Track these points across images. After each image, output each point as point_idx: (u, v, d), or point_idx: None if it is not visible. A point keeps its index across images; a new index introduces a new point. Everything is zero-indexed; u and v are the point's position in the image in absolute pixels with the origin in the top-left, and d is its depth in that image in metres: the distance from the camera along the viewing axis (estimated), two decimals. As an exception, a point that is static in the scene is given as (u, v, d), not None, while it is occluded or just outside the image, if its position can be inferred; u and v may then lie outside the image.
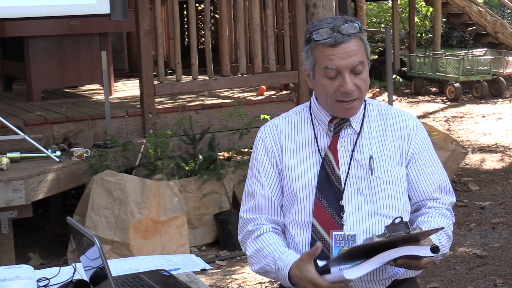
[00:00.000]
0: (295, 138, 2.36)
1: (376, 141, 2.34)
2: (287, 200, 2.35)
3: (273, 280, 4.72)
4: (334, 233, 2.24)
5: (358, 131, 2.33)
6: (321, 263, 2.17)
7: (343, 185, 2.29)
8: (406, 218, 2.35)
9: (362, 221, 2.28)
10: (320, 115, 2.35)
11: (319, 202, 2.29)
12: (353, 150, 2.31)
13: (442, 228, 2.23)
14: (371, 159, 2.30)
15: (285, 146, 2.36)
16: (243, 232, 2.38)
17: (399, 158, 2.34)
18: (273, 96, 6.94)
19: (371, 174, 2.29)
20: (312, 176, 2.31)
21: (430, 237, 2.17)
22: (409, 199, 2.39)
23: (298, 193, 2.31)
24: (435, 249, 2.08)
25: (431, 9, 15.53)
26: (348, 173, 2.30)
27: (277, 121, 2.43)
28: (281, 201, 2.37)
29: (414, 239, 2.08)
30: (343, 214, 2.27)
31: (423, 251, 2.07)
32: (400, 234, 2.05)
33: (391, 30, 10.72)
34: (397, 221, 2.08)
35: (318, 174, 2.30)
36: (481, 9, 12.95)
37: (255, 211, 2.37)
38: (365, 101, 2.38)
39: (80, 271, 2.28)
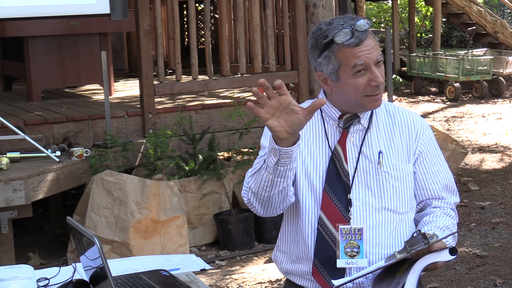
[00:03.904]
0: (305, 130, 2.37)
1: (384, 137, 2.37)
2: (296, 189, 2.35)
3: (273, 280, 4.72)
4: (341, 226, 2.27)
5: (366, 127, 2.36)
6: (336, 282, 2.17)
7: (351, 179, 2.32)
8: (411, 216, 2.38)
9: (369, 215, 2.30)
10: (329, 111, 2.37)
11: (327, 195, 2.31)
12: (362, 145, 2.34)
13: (456, 232, 2.29)
14: (380, 154, 2.33)
15: None
16: (248, 172, 2.31)
17: (407, 155, 2.37)
18: (273, 96, 6.92)
19: (380, 169, 2.31)
20: (321, 169, 2.33)
21: (436, 234, 2.19)
22: (414, 197, 2.41)
23: (307, 185, 2.33)
24: (453, 250, 2.11)
25: (431, 9, 15.54)
26: (356, 168, 2.32)
27: None
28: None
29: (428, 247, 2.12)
30: (350, 208, 2.29)
31: (443, 256, 2.11)
32: (420, 247, 2.08)
33: (391, 30, 10.72)
34: (415, 234, 2.11)
35: (327, 167, 2.32)
36: (481, 9, 12.95)
37: None
38: None
39: (80, 271, 2.28)
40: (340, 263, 2.26)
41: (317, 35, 2.30)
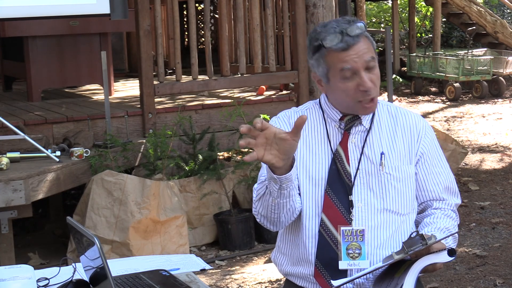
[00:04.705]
0: (307, 131, 2.38)
1: (386, 138, 2.36)
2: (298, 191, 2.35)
3: (273, 280, 4.72)
4: (342, 228, 2.27)
5: (368, 128, 2.36)
6: (336, 282, 2.17)
7: (352, 180, 2.32)
8: (413, 217, 2.38)
9: (370, 216, 2.30)
10: (330, 112, 2.38)
11: (328, 197, 2.31)
12: (363, 146, 2.34)
13: (456, 233, 2.28)
14: (383, 156, 2.33)
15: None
16: (253, 196, 2.34)
17: (409, 156, 2.36)
18: (273, 96, 6.94)
19: (382, 170, 2.31)
20: (323, 171, 2.33)
21: (435, 235, 2.19)
22: (416, 199, 2.40)
23: (309, 186, 2.33)
24: (451, 251, 2.10)
25: (431, 9, 15.54)
26: (358, 169, 2.32)
27: (289, 113, 2.45)
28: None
29: (427, 248, 2.11)
30: (352, 209, 2.29)
31: (442, 257, 2.11)
32: (418, 248, 2.07)
33: (391, 30, 10.72)
34: (413, 235, 2.10)
35: (328, 169, 2.33)
36: (481, 9, 12.95)
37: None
38: None
39: (80, 271, 2.28)
40: (342, 264, 2.26)
41: (311, 37, 2.31)
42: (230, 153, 6.90)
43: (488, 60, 11.53)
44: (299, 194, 2.34)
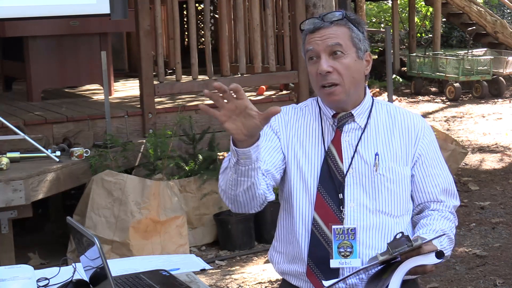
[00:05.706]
0: (302, 128, 2.37)
1: (383, 139, 2.34)
2: (290, 189, 2.34)
3: (273, 280, 4.72)
4: (334, 226, 2.25)
5: (363, 126, 2.34)
6: (327, 283, 2.17)
7: (344, 179, 2.30)
8: (407, 219, 2.36)
9: (362, 216, 2.28)
10: (325, 110, 2.38)
11: (320, 195, 2.29)
12: (357, 144, 2.32)
13: (443, 234, 2.23)
14: (377, 156, 2.30)
15: (292, 135, 2.37)
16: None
17: (405, 158, 2.34)
18: (273, 96, 6.95)
19: (376, 171, 2.29)
20: (315, 169, 2.32)
21: (421, 237, 2.17)
22: (412, 200, 2.38)
23: (301, 185, 2.32)
24: (439, 253, 2.07)
25: (431, 9, 15.54)
26: (350, 167, 2.30)
27: (286, 109, 2.44)
28: (272, 173, 2.29)
29: (417, 250, 2.08)
30: (342, 208, 2.27)
31: (429, 259, 2.07)
32: (404, 249, 2.04)
33: (391, 30, 10.72)
34: (398, 236, 2.07)
35: (320, 167, 2.31)
36: (481, 9, 12.95)
37: None
38: (373, 99, 2.41)
39: (80, 271, 2.28)
40: (334, 263, 2.24)
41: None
42: (230, 153, 6.89)
43: (488, 60, 11.53)
44: (292, 194, 2.32)
